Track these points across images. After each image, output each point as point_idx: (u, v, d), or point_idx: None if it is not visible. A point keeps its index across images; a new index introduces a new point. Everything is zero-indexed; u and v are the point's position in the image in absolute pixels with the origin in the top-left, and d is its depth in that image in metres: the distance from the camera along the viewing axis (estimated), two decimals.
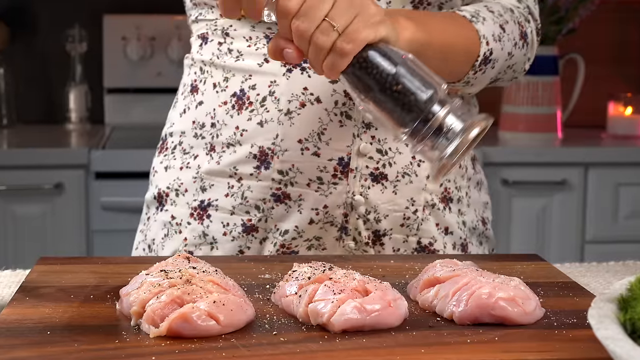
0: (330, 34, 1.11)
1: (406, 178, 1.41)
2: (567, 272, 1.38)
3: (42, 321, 1.03)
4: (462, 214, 1.49)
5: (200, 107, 1.46)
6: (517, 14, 1.44)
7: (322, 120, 1.38)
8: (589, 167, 3.10)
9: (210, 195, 1.44)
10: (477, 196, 1.53)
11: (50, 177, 2.89)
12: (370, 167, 1.39)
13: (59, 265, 1.27)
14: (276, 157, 1.39)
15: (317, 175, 1.39)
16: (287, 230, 1.41)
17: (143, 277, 1.07)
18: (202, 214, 1.44)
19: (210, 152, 1.44)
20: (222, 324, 0.99)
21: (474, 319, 1.04)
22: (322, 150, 1.38)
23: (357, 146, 1.39)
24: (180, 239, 1.46)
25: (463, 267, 1.14)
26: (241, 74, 1.42)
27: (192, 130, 1.47)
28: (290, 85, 1.38)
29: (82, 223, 2.91)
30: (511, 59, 1.42)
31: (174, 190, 1.48)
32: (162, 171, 1.51)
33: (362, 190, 1.40)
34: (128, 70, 3.47)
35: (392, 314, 1.02)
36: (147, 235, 1.53)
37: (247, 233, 1.42)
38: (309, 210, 1.40)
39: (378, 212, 1.41)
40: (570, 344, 0.99)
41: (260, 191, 1.41)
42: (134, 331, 1.00)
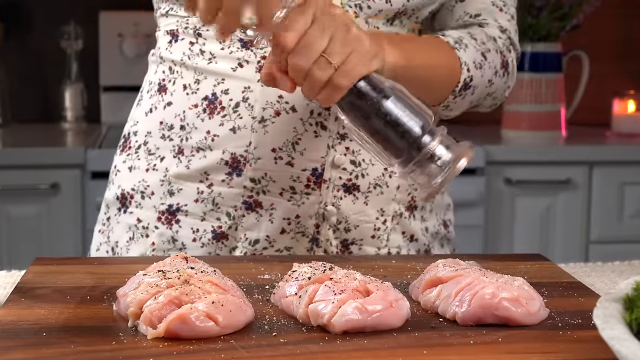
0: (326, 70, 1.15)
1: (377, 189, 1.41)
2: (571, 272, 1.38)
3: (38, 322, 1.03)
4: (425, 220, 1.50)
5: (168, 107, 1.45)
6: (499, 44, 1.46)
7: (297, 129, 1.38)
8: (593, 166, 3.10)
9: (179, 199, 1.43)
10: (439, 200, 1.54)
11: (45, 176, 2.89)
12: (344, 178, 1.40)
13: (55, 266, 1.27)
14: (249, 165, 1.39)
15: (290, 185, 1.39)
16: (257, 240, 1.41)
17: (140, 278, 1.07)
18: (170, 219, 1.43)
19: (179, 154, 1.43)
20: (220, 325, 0.99)
21: (477, 319, 1.04)
22: (296, 160, 1.38)
23: (331, 157, 1.39)
24: (148, 243, 1.45)
25: (466, 267, 1.14)
26: (213, 77, 1.41)
27: (160, 131, 1.45)
28: (265, 92, 1.37)
29: (78, 223, 2.91)
30: (491, 87, 1.45)
31: (139, 192, 1.46)
32: (126, 171, 1.49)
33: (335, 201, 1.40)
34: (124, 67, 3.47)
35: (393, 315, 1.02)
36: (110, 237, 1.51)
37: (217, 240, 1.42)
38: (281, 219, 1.40)
39: (348, 222, 1.42)
40: (575, 344, 0.99)
41: (231, 198, 1.40)
42: (131, 332, 1.00)
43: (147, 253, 1.44)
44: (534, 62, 3.23)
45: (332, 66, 1.14)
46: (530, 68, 3.23)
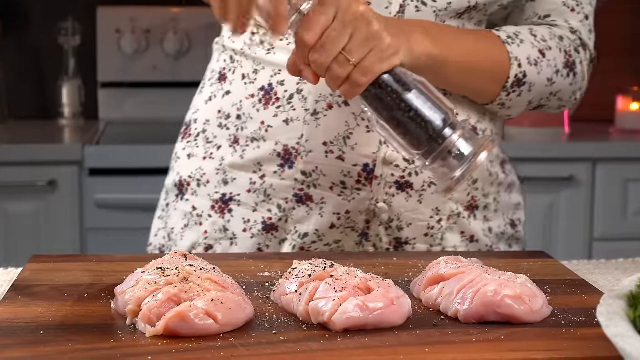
0: (346, 67, 1.18)
1: (432, 188, 1.41)
2: (575, 269, 1.38)
3: (35, 320, 1.03)
4: (488, 220, 1.49)
5: (227, 96, 1.47)
6: (566, 43, 1.44)
7: (349, 124, 1.38)
8: (597, 163, 3.10)
9: (232, 189, 1.45)
10: (507, 199, 1.53)
11: (43, 173, 2.89)
12: (396, 175, 1.39)
13: (52, 264, 1.27)
14: (300, 157, 1.40)
15: (340, 180, 1.39)
16: (306, 233, 1.42)
17: (139, 275, 1.07)
18: (223, 208, 1.45)
19: (234, 144, 1.45)
20: (220, 323, 0.99)
21: (480, 317, 1.04)
22: (347, 155, 1.39)
23: (383, 154, 1.38)
24: (201, 231, 1.47)
25: (468, 264, 1.14)
26: (271, 68, 1.43)
27: (217, 119, 1.48)
28: (319, 85, 1.38)
29: (75, 221, 2.91)
30: (552, 86, 1.42)
31: (195, 180, 1.49)
32: (185, 158, 1.52)
33: (386, 198, 1.40)
34: (122, 64, 3.47)
35: (395, 313, 1.02)
36: (167, 224, 1.54)
37: (267, 231, 1.43)
38: (331, 214, 1.41)
39: (401, 220, 1.41)
40: (578, 342, 0.99)
41: (282, 190, 1.42)
42: (130, 330, 1.00)
43: (200, 241, 1.47)
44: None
45: (351, 64, 1.18)
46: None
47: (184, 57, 3.48)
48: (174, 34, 3.45)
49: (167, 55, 3.48)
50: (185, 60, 3.48)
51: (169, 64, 3.48)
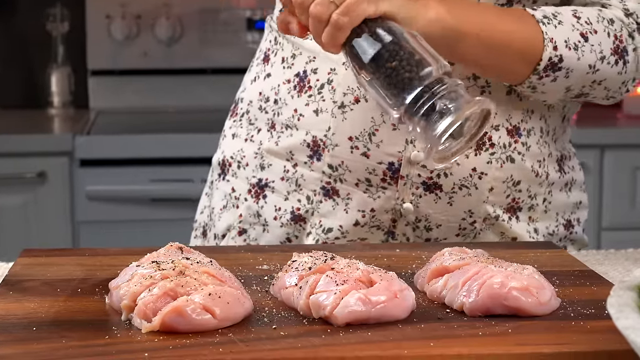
0: (327, 7, 1.15)
1: (464, 190, 1.40)
2: (583, 260, 1.39)
3: (27, 317, 1.03)
4: (534, 221, 1.46)
5: (268, 79, 1.48)
6: (616, 27, 1.34)
7: (375, 120, 1.38)
8: (604, 150, 3.10)
9: (267, 174, 1.46)
10: (563, 199, 1.49)
11: (32, 165, 2.89)
12: (423, 176, 1.39)
13: (44, 258, 1.27)
14: (327, 150, 1.40)
15: (365, 177, 1.40)
16: (330, 229, 1.42)
17: (133, 269, 1.07)
18: (259, 193, 1.47)
19: (271, 129, 1.46)
20: (218, 318, 0.99)
21: (486, 310, 1.05)
22: (372, 152, 1.39)
23: (409, 153, 1.38)
24: (237, 214, 1.49)
25: (473, 256, 1.14)
26: (307, 54, 1.43)
27: (258, 102, 1.49)
28: (348, 76, 1.38)
29: (66, 213, 2.92)
30: (596, 74, 1.33)
31: (236, 162, 1.50)
32: (230, 137, 1.54)
33: (413, 199, 1.40)
34: (113, 50, 3.47)
35: (398, 306, 1.03)
36: (211, 202, 1.56)
37: (295, 222, 1.44)
38: (355, 211, 1.41)
39: (429, 221, 1.41)
40: (588, 335, 0.99)
41: (312, 182, 1.42)
42: (125, 326, 1.00)
43: (235, 224, 1.49)
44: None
45: (332, 1, 1.15)
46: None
47: (177, 44, 3.48)
48: (166, 19, 3.45)
49: (159, 42, 3.47)
50: (178, 46, 3.48)
51: (161, 51, 3.48)
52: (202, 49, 3.48)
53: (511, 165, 1.40)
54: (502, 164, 1.39)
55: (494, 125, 1.38)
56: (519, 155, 1.41)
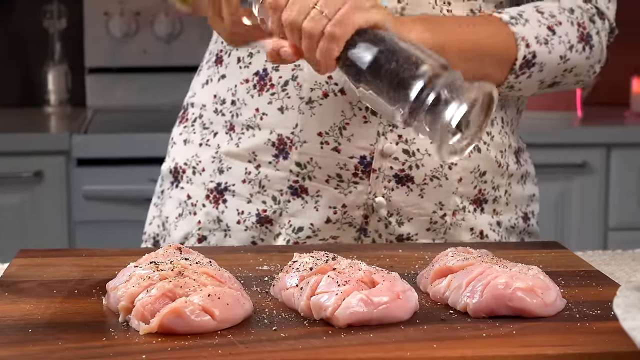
0: (319, 21, 1.16)
1: (435, 181, 1.41)
2: (589, 260, 1.39)
3: (23, 318, 1.03)
4: (498, 213, 1.49)
5: (222, 80, 1.48)
6: (577, 15, 1.42)
7: (345, 114, 1.38)
8: (611, 148, 3.10)
9: (227, 178, 1.45)
10: (519, 191, 1.52)
11: (28, 164, 2.89)
12: (395, 169, 1.39)
13: (40, 258, 1.27)
14: (294, 148, 1.40)
15: (336, 172, 1.39)
16: (301, 228, 1.42)
17: (131, 270, 1.07)
18: (218, 198, 1.46)
19: (230, 131, 1.45)
20: (217, 319, 0.99)
21: (490, 311, 1.05)
22: (343, 147, 1.39)
23: (381, 145, 1.39)
24: (194, 221, 1.48)
25: (477, 256, 1.14)
26: None
27: (213, 104, 1.48)
28: (314, 72, 1.38)
29: (63, 213, 2.92)
30: (567, 63, 1.40)
31: (191, 168, 1.49)
32: (181, 144, 1.53)
33: (385, 192, 1.40)
34: (111, 48, 3.47)
35: (401, 307, 1.03)
36: (162, 211, 1.54)
37: (261, 224, 1.43)
38: (326, 208, 1.41)
39: (401, 215, 1.42)
40: (594, 336, 0.99)
41: (277, 181, 1.42)
42: (123, 328, 1.00)
43: (193, 232, 1.47)
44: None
45: (324, 16, 1.16)
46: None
47: (176, 40, 3.48)
48: (165, 15, 3.45)
49: (158, 39, 3.48)
50: (177, 43, 3.48)
51: (160, 48, 3.48)
52: (201, 46, 3.47)
53: (478, 155, 1.43)
54: (470, 153, 1.40)
55: None
56: (485, 145, 1.43)
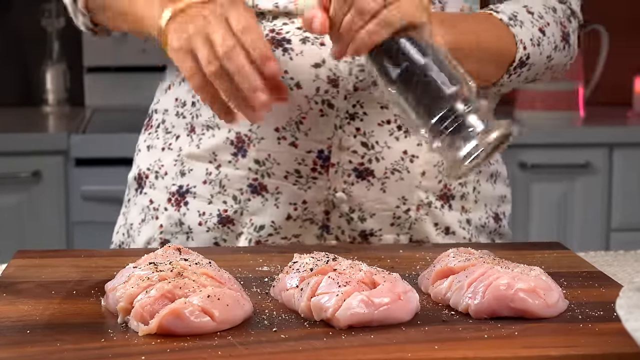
0: (380, 2, 1.17)
1: (396, 175, 1.40)
2: (592, 261, 1.39)
3: (21, 319, 1.03)
4: (467, 211, 1.48)
5: (183, 83, 1.47)
6: (559, 14, 1.46)
7: (302, 108, 1.38)
8: (614, 148, 3.09)
9: (188, 180, 1.45)
10: (489, 190, 1.52)
11: (26, 164, 2.89)
12: (354, 162, 1.39)
13: (38, 259, 1.27)
14: (252, 145, 1.40)
15: (295, 168, 1.39)
16: (262, 226, 1.41)
17: (130, 271, 1.07)
18: (179, 200, 1.46)
19: (191, 133, 1.45)
20: (217, 320, 0.99)
21: (492, 312, 1.05)
22: (301, 141, 1.38)
23: (338, 139, 1.38)
24: (156, 225, 1.47)
25: (479, 256, 1.14)
26: None
27: (175, 108, 1.48)
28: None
29: (61, 214, 2.91)
30: (550, 62, 1.45)
31: (154, 172, 1.49)
32: (145, 150, 1.53)
33: (345, 187, 1.40)
34: (110, 47, 3.46)
35: (402, 308, 1.03)
36: (127, 219, 1.55)
37: (223, 225, 1.43)
38: (287, 204, 1.41)
39: (363, 211, 1.41)
40: (596, 338, 0.99)
41: (237, 180, 1.41)
42: (121, 329, 1.00)
43: (155, 236, 1.47)
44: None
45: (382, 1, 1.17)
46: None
47: None
48: None
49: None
50: None
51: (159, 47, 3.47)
52: None
53: None
54: None
55: None
56: None
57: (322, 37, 1.35)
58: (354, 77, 1.36)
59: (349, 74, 1.36)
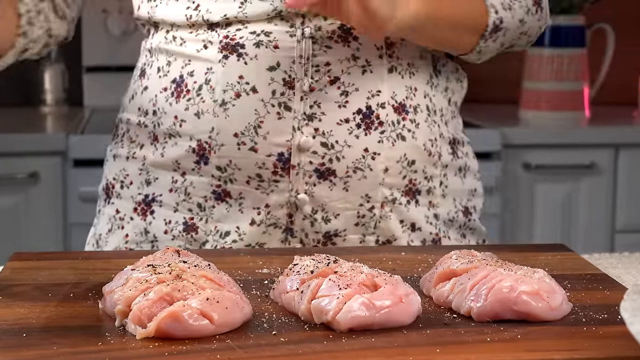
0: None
1: (358, 173, 1.41)
2: (596, 263, 1.39)
3: (17, 322, 1.03)
4: (434, 206, 1.49)
5: (145, 92, 1.49)
6: None
7: (259, 112, 1.39)
8: (619, 149, 3.10)
9: (154, 189, 1.46)
10: (458, 184, 1.53)
11: (24, 165, 2.89)
12: (315, 163, 1.40)
13: (35, 261, 1.27)
14: (213, 152, 1.40)
15: (256, 172, 1.40)
16: (228, 232, 1.42)
17: (128, 273, 1.07)
18: (145, 210, 1.47)
19: (154, 142, 1.46)
20: (216, 324, 0.99)
21: (494, 315, 1.04)
22: (260, 145, 1.39)
23: (297, 140, 1.39)
24: (122, 235, 1.48)
25: (482, 259, 1.14)
26: (182, 59, 1.44)
27: (137, 117, 1.49)
28: (226, 73, 1.39)
29: (59, 215, 2.91)
30: (524, 26, 1.48)
31: (119, 182, 1.51)
32: (112, 160, 1.54)
33: (307, 188, 1.40)
34: (109, 46, 3.47)
35: (403, 311, 1.03)
36: (97, 230, 1.55)
37: (187, 232, 1.44)
38: (250, 209, 1.41)
39: (326, 212, 1.42)
40: (600, 341, 0.99)
41: (201, 188, 1.42)
42: (119, 332, 1.00)
43: (121, 246, 1.48)
44: (555, 36, 3.23)
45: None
46: (550, 43, 3.23)
47: None
48: None
49: None
50: None
51: None
52: None
53: (403, 144, 1.43)
54: (394, 142, 1.42)
55: (380, 103, 1.41)
56: (409, 132, 1.44)
57: (276, 39, 1.38)
58: (310, 77, 1.37)
59: (304, 75, 1.37)
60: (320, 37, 1.38)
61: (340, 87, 1.39)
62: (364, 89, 1.40)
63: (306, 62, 1.38)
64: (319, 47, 1.38)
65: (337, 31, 1.39)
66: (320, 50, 1.38)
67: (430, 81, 1.47)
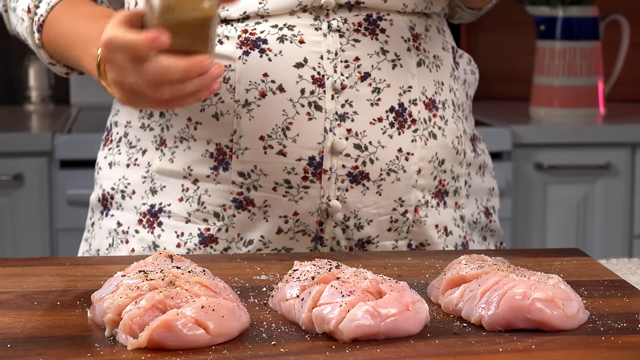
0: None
1: (392, 175, 1.40)
2: (613, 269, 1.38)
3: (2, 333, 1.03)
4: (460, 207, 1.49)
5: None
6: None
7: (287, 112, 1.38)
8: (636, 148, 3.09)
9: (161, 198, 1.43)
10: (479, 183, 1.53)
11: (7, 166, 2.89)
12: (348, 166, 1.39)
13: (20, 268, 1.27)
14: (235, 157, 1.39)
15: (284, 178, 1.38)
16: (251, 240, 1.41)
17: (119, 280, 1.07)
18: (152, 221, 1.44)
19: (161, 146, 1.44)
20: (211, 333, 0.99)
21: (507, 323, 1.04)
22: (289, 149, 1.38)
23: (329, 142, 1.38)
24: (127, 250, 1.46)
25: (492, 264, 1.14)
26: None
27: (139, 119, 1.47)
28: (248, 70, 1.38)
29: (45, 219, 2.91)
30: None
31: (119, 192, 1.48)
32: (107, 168, 1.51)
33: (339, 194, 1.39)
34: None
35: (410, 319, 1.02)
36: (92, 245, 1.52)
37: (205, 244, 1.42)
38: (277, 218, 1.40)
39: (359, 218, 1.41)
40: (619, 351, 0.99)
41: (219, 196, 1.40)
42: (109, 343, 1.01)
43: None
44: (567, 28, 3.23)
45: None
46: (562, 35, 3.22)
47: None
48: None
49: None
50: None
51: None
52: None
53: (435, 142, 1.43)
54: (426, 141, 1.42)
55: (412, 99, 1.41)
56: (440, 130, 1.44)
57: (301, 34, 1.37)
58: (340, 74, 1.37)
59: (333, 72, 1.36)
60: (347, 30, 1.37)
61: (371, 83, 1.38)
62: (396, 85, 1.39)
63: (334, 57, 1.37)
64: (347, 41, 1.37)
65: (363, 23, 1.38)
66: (348, 45, 1.37)
67: (453, 74, 1.48)
